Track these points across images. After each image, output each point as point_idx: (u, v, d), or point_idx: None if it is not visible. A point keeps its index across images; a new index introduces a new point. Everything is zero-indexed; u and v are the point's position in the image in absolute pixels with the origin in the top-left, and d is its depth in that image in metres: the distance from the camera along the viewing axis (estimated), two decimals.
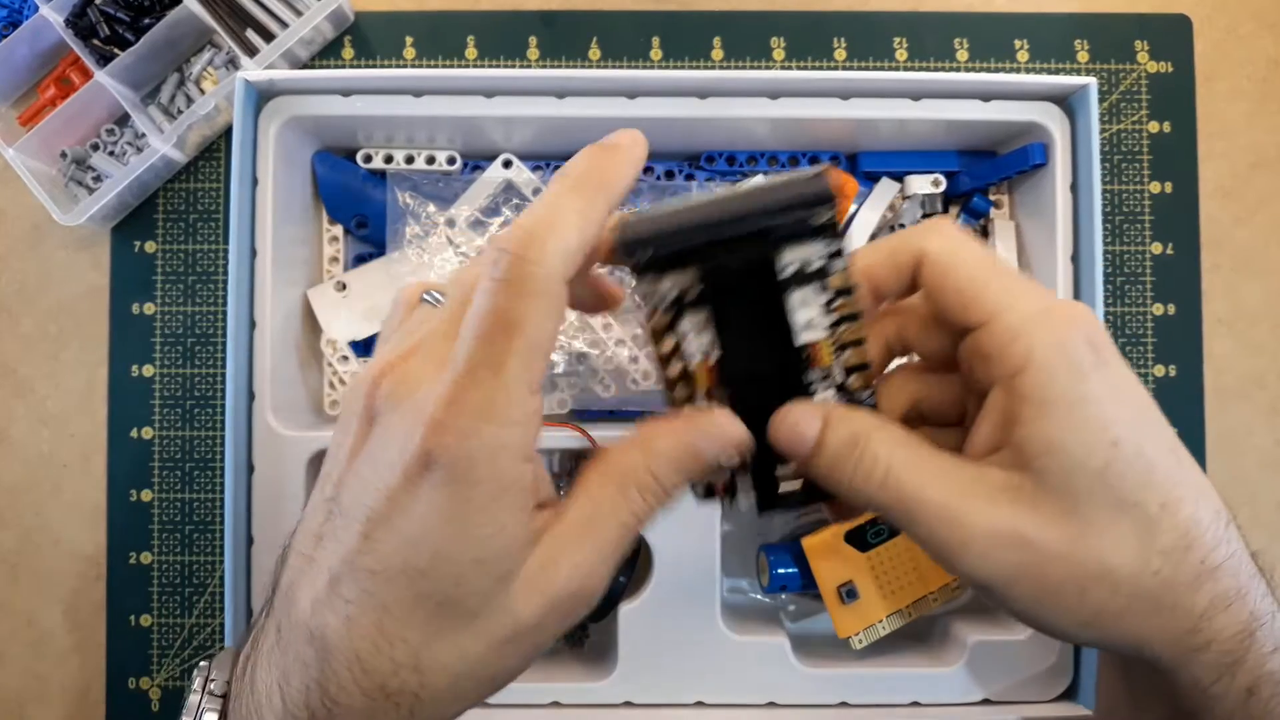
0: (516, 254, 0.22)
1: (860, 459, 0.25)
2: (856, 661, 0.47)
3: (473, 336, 0.22)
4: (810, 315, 0.25)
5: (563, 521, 0.24)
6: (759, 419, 0.25)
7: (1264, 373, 0.54)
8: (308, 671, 0.23)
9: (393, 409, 0.23)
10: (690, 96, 0.46)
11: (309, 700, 0.23)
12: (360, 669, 0.23)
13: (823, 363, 0.25)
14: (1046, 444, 0.24)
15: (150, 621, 0.53)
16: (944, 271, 0.25)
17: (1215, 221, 0.54)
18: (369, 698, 0.23)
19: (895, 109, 0.47)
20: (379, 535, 0.23)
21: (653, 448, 0.25)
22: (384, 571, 0.23)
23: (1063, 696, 0.47)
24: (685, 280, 0.24)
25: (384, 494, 0.23)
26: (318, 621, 0.23)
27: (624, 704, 0.46)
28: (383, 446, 0.23)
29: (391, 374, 0.24)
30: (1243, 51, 0.55)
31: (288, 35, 0.51)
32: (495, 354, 0.22)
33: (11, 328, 0.54)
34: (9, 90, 0.54)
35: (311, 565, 0.24)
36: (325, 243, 0.52)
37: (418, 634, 0.23)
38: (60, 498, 0.53)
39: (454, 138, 0.50)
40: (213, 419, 0.53)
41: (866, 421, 0.25)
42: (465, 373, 0.22)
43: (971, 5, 0.55)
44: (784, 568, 0.47)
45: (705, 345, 0.25)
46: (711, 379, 0.25)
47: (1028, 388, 0.24)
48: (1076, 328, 0.24)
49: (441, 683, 0.23)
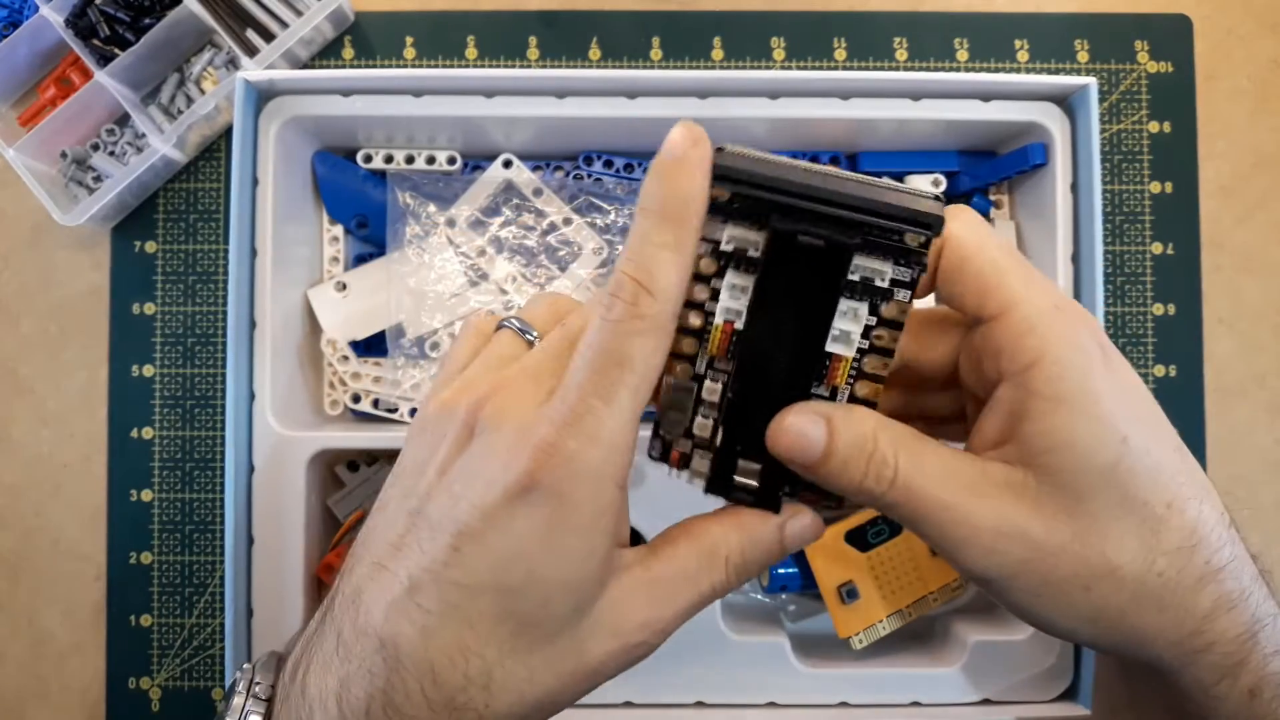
0: (628, 301, 0.23)
1: (870, 462, 0.25)
2: (857, 661, 0.47)
3: (587, 368, 0.23)
4: (849, 329, 0.24)
5: (647, 572, 0.25)
6: (751, 404, 0.25)
7: (1265, 372, 0.54)
8: (373, 680, 0.23)
9: (495, 429, 0.24)
10: (690, 96, 0.46)
11: (370, 709, 0.23)
12: (431, 680, 0.23)
13: (835, 381, 0.25)
14: (1056, 439, 0.24)
15: (150, 621, 0.53)
16: (965, 257, 0.25)
17: (1215, 221, 0.54)
18: (434, 711, 0.23)
19: (895, 109, 0.47)
20: (469, 550, 0.23)
21: (752, 533, 0.26)
22: (472, 585, 0.23)
23: (1063, 697, 0.47)
24: (752, 237, 0.24)
25: (480, 509, 0.23)
26: (391, 629, 0.23)
27: (624, 704, 0.46)
28: (483, 463, 0.24)
29: (495, 397, 0.24)
30: (1243, 51, 0.55)
31: (288, 35, 0.51)
32: (607, 385, 0.23)
33: (11, 328, 0.54)
34: (9, 90, 0.54)
35: (384, 573, 0.24)
36: (325, 243, 0.52)
37: (495, 651, 0.23)
38: (60, 498, 0.53)
39: (454, 138, 0.50)
40: (213, 419, 0.53)
41: (871, 421, 0.25)
42: (578, 400, 0.23)
43: (971, 5, 0.55)
44: (784, 567, 0.47)
45: (734, 310, 0.24)
46: (723, 346, 0.25)
47: (1039, 382, 0.24)
48: (1088, 326, 0.24)
49: (505, 704, 0.24)
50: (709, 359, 0.25)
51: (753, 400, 0.25)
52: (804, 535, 0.26)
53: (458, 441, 0.24)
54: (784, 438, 0.25)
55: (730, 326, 0.24)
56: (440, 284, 0.50)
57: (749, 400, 0.25)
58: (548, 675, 0.24)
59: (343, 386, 0.50)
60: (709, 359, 0.25)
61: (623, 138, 0.49)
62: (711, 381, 0.25)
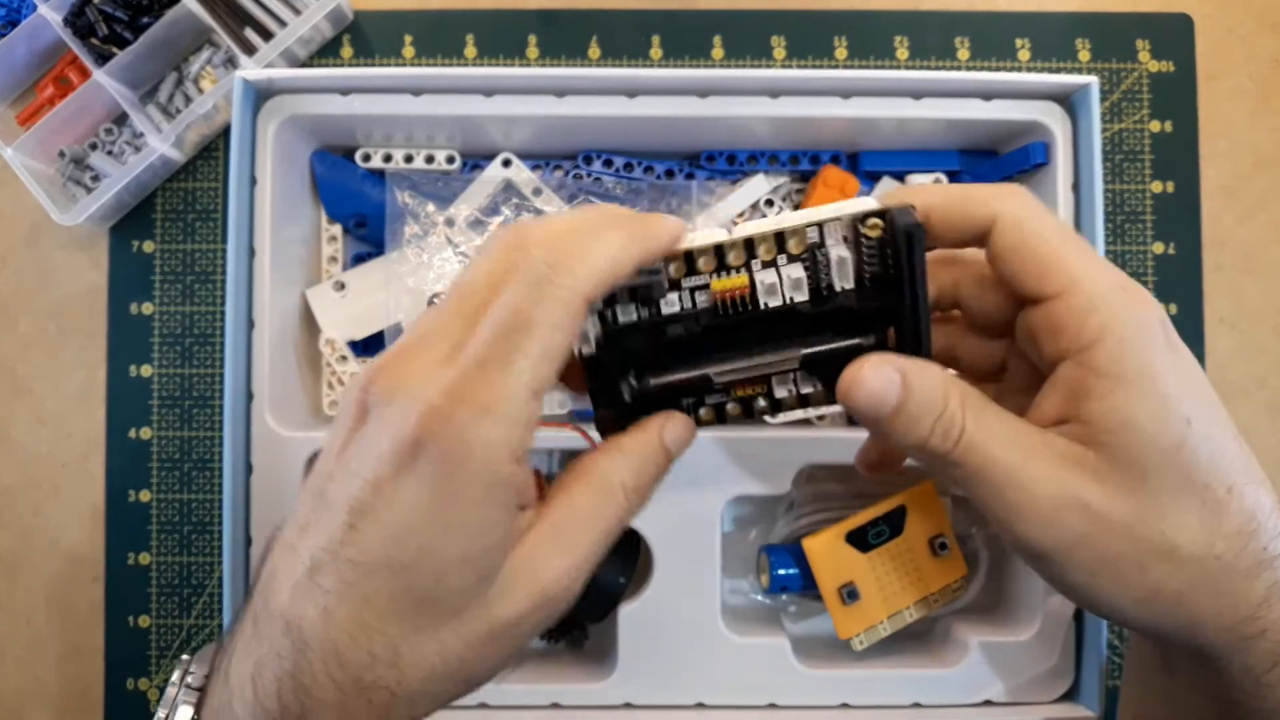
0: (550, 262, 0.23)
1: (939, 420, 0.25)
2: (857, 662, 0.47)
3: (489, 332, 0.23)
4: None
5: (544, 523, 0.25)
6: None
7: (1266, 372, 0.54)
8: (281, 663, 0.23)
9: (386, 403, 0.23)
10: (690, 95, 0.46)
11: (280, 692, 0.23)
12: (336, 662, 0.23)
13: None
14: (1119, 419, 0.23)
15: (149, 622, 0.53)
16: (1022, 238, 0.25)
17: (1217, 221, 0.54)
18: (342, 691, 0.23)
19: (896, 108, 0.47)
20: (363, 526, 0.23)
21: (636, 453, 0.26)
22: (366, 563, 0.23)
23: (1064, 698, 0.47)
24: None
25: (370, 483, 0.23)
26: (295, 611, 0.23)
27: (624, 705, 0.46)
28: (373, 438, 0.23)
29: (386, 370, 0.24)
30: (1244, 50, 0.55)
31: (286, 34, 0.50)
32: (507, 351, 0.23)
33: (9, 327, 0.54)
34: (7, 90, 0.54)
35: (292, 554, 0.24)
36: (324, 242, 0.52)
37: (396, 628, 0.23)
38: (58, 498, 0.53)
39: (453, 137, 0.49)
40: (211, 419, 0.53)
41: (942, 378, 0.25)
42: (474, 365, 0.23)
43: (973, 4, 0.55)
44: (785, 568, 0.47)
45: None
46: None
47: (1102, 362, 0.24)
48: (1153, 307, 0.24)
49: (418, 679, 0.23)
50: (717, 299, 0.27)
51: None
52: (681, 437, 0.27)
53: (355, 419, 0.24)
54: (860, 391, 0.25)
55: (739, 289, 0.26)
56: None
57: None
58: (458, 646, 0.23)
59: (341, 387, 0.50)
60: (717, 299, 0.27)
61: (622, 137, 0.49)
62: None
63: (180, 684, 0.26)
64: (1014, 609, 0.48)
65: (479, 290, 0.24)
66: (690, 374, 0.27)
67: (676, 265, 0.26)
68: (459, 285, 0.25)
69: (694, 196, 0.51)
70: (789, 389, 0.28)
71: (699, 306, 0.27)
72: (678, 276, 0.26)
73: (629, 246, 0.24)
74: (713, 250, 0.26)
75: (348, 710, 0.23)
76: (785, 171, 0.51)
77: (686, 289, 0.26)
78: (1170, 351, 0.24)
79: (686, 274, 0.26)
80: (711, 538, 0.46)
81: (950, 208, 0.26)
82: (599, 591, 0.45)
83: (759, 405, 0.28)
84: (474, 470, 0.22)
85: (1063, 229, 0.25)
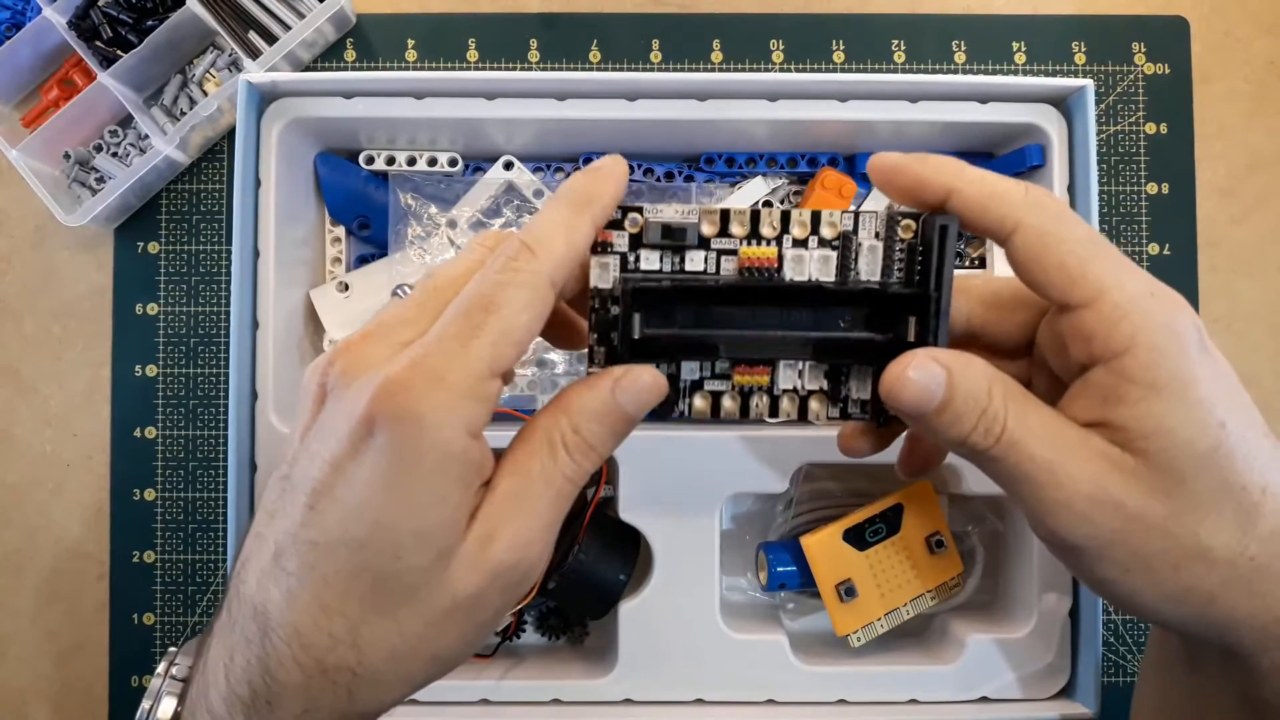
0: (512, 252, 0.24)
1: (982, 417, 0.25)
2: (855, 659, 0.47)
3: (451, 313, 0.23)
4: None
5: (495, 493, 0.24)
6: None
7: (1260, 373, 0.54)
8: (251, 648, 0.23)
9: (345, 385, 0.24)
10: (690, 99, 0.47)
11: (250, 677, 0.23)
12: (299, 644, 0.23)
13: None
14: (1153, 425, 0.24)
15: (153, 620, 0.53)
16: (1045, 247, 0.25)
17: (1212, 222, 0.55)
18: (306, 674, 0.23)
19: (893, 111, 0.47)
20: (322, 506, 0.23)
21: (574, 405, 0.25)
22: (325, 543, 0.23)
23: (1060, 694, 0.47)
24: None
25: (328, 463, 0.23)
26: (261, 596, 0.23)
27: (624, 701, 0.46)
28: (331, 418, 0.23)
29: (345, 354, 0.24)
30: (1239, 53, 0.55)
31: (290, 37, 0.51)
32: (467, 329, 0.23)
33: (15, 328, 0.54)
34: (12, 92, 0.54)
35: (260, 541, 0.24)
36: (328, 244, 0.52)
37: (355, 608, 0.23)
38: (63, 497, 0.54)
39: (455, 139, 0.50)
40: (215, 419, 0.53)
41: (987, 373, 0.25)
42: (433, 342, 0.23)
43: (969, 8, 0.55)
44: (783, 566, 0.47)
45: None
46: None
47: (1135, 369, 0.24)
48: (1185, 311, 0.24)
49: (379, 660, 0.23)
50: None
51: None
52: (638, 389, 0.25)
53: (316, 402, 0.24)
54: (908, 390, 0.25)
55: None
56: None
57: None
58: (417, 624, 0.23)
59: None
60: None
61: (623, 139, 0.50)
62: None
63: (165, 675, 0.26)
64: (1010, 606, 0.49)
65: (444, 285, 0.25)
66: (697, 332, 0.27)
67: (710, 222, 0.26)
68: (425, 280, 0.26)
69: (693, 198, 0.51)
70: (794, 382, 0.27)
71: (723, 270, 0.27)
72: (709, 235, 0.27)
73: (576, 217, 0.25)
74: (749, 215, 0.26)
75: (312, 693, 0.23)
76: (784, 174, 0.52)
77: (715, 250, 0.27)
78: (1203, 355, 0.24)
79: (719, 234, 0.27)
80: (710, 535, 0.46)
81: (973, 204, 0.26)
82: (599, 589, 0.46)
83: (756, 405, 0.28)
84: (427, 443, 0.22)
85: (1089, 235, 0.25)
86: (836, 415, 0.28)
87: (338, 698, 0.23)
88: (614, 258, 0.27)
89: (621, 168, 0.26)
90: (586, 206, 0.25)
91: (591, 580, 0.45)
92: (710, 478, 0.46)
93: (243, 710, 0.23)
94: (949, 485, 0.47)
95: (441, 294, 0.25)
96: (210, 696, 0.24)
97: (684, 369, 0.27)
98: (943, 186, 0.26)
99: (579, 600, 0.47)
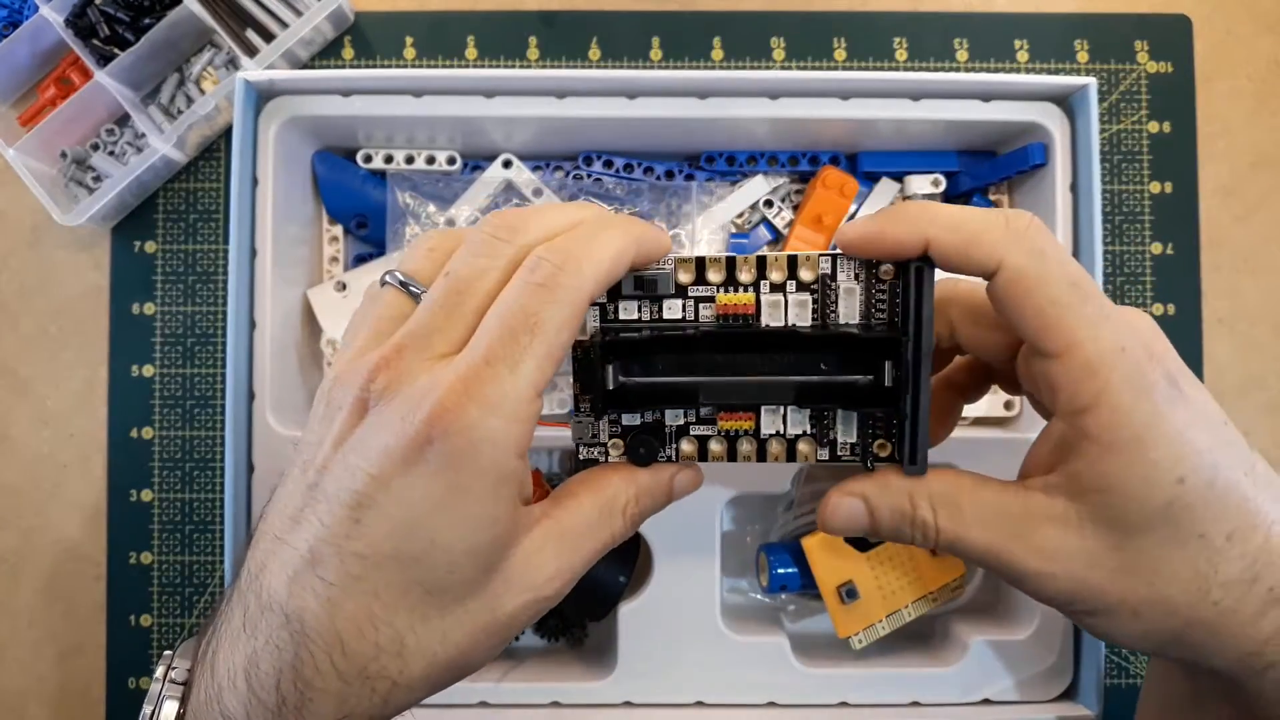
0: (556, 264, 0.24)
1: (912, 525, 0.26)
2: (856, 661, 0.47)
3: (497, 330, 0.23)
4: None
5: (552, 524, 0.26)
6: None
7: (1264, 373, 0.54)
8: (281, 655, 0.23)
9: (389, 400, 0.24)
10: (690, 97, 0.46)
11: (280, 684, 0.23)
12: (340, 653, 0.23)
13: None
14: (1105, 483, 0.24)
15: (150, 621, 0.53)
16: (1025, 292, 0.24)
17: (1215, 221, 0.54)
18: (345, 682, 0.23)
19: (895, 109, 0.47)
20: (368, 519, 0.23)
21: (646, 485, 0.28)
22: (373, 556, 0.23)
23: (1063, 696, 0.47)
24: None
25: (377, 478, 0.23)
26: (295, 604, 0.23)
27: (624, 704, 0.46)
28: (375, 433, 0.23)
29: (388, 368, 0.24)
30: (1242, 51, 0.55)
31: (288, 35, 0.51)
32: (514, 351, 0.23)
33: (11, 328, 0.54)
34: (9, 90, 0.54)
35: (284, 547, 0.24)
36: (325, 243, 0.52)
37: (404, 619, 0.23)
38: (60, 498, 0.54)
39: (454, 138, 0.50)
40: (213, 419, 0.53)
41: (904, 490, 0.27)
42: (483, 364, 0.23)
43: (971, 5, 0.55)
44: (784, 567, 0.47)
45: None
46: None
47: (1095, 428, 0.24)
48: (1155, 361, 0.24)
49: (420, 668, 0.24)
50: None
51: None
52: (687, 488, 0.29)
53: (353, 414, 0.24)
54: (834, 521, 0.27)
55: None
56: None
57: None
58: (460, 636, 0.24)
59: None
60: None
61: (622, 138, 0.49)
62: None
63: (164, 679, 0.26)
64: (1012, 608, 0.48)
65: (474, 288, 0.25)
66: (676, 380, 0.27)
67: (686, 270, 0.27)
68: (452, 280, 0.25)
69: (694, 197, 0.51)
70: (778, 426, 0.28)
71: (701, 317, 0.27)
72: (685, 283, 0.27)
73: (628, 249, 0.25)
74: (724, 263, 0.27)
75: (348, 700, 0.23)
76: (784, 172, 0.52)
77: (692, 298, 0.27)
78: (1172, 406, 0.24)
79: (694, 282, 0.27)
80: (711, 537, 0.46)
81: (952, 251, 0.25)
82: (599, 590, 0.45)
83: (743, 450, 0.28)
84: (483, 465, 0.23)
85: (1071, 280, 0.24)
86: (826, 457, 0.28)
87: (373, 704, 0.24)
88: (594, 308, 0.27)
89: (669, 243, 0.27)
90: (637, 241, 0.26)
91: (591, 582, 0.45)
92: (710, 479, 0.46)
93: (265, 716, 0.23)
94: None
95: (466, 299, 0.25)
96: (226, 701, 0.24)
97: (668, 415, 0.28)
98: (919, 238, 0.25)
99: (578, 602, 0.46)
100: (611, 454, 0.28)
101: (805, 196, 0.51)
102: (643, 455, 0.28)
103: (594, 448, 0.28)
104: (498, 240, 0.25)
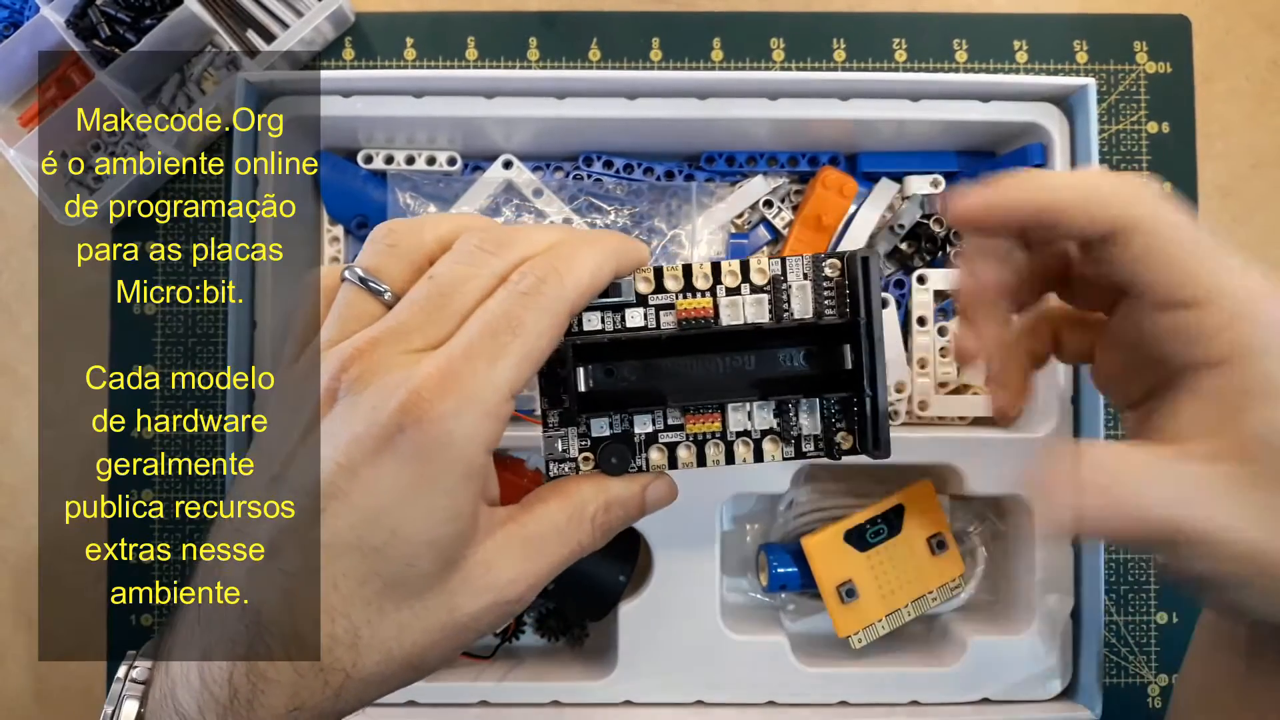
0: (540, 275, 0.24)
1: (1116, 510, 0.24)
2: (856, 661, 0.47)
3: (479, 330, 0.24)
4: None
5: (520, 529, 0.26)
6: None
7: None
8: (234, 648, 0.23)
9: (361, 390, 0.23)
10: (690, 97, 0.47)
11: (233, 676, 0.23)
12: (296, 645, 0.23)
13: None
14: (1275, 436, 0.23)
15: (151, 622, 0.53)
16: (1159, 245, 0.24)
17: (1214, 221, 0.55)
18: (299, 674, 0.23)
19: (894, 110, 0.47)
20: (333, 509, 0.23)
21: (617, 494, 0.27)
22: (334, 546, 0.23)
23: (1062, 696, 0.47)
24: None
25: (343, 467, 0.23)
26: (254, 595, 0.23)
27: (624, 703, 0.46)
28: (345, 423, 0.23)
29: (361, 359, 0.24)
30: (1242, 52, 0.55)
31: (288, 36, 0.51)
32: (494, 349, 0.23)
33: (12, 327, 0.54)
34: (9, 90, 0.54)
35: (242, 538, 0.24)
36: (326, 243, 0.52)
37: (360, 611, 0.23)
38: (60, 498, 0.53)
39: (454, 138, 0.50)
40: (213, 419, 0.53)
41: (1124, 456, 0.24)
42: (462, 358, 0.23)
43: (970, 6, 0.55)
44: (784, 567, 0.47)
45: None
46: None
47: (1253, 377, 0.23)
48: None
49: (373, 662, 0.24)
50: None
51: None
52: (660, 499, 0.29)
53: (321, 405, 0.24)
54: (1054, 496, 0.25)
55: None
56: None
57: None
58: (417, 632, 0.24)
59: None
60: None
61: (622, 138, 0.49)
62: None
63: (125, 679, 0.26)
64: (1011, 608, 0.48)
65: (459, 293, 0.25)
66: (643, 385, 0.28)
67: (645, 281, 0.28)
68: (437, 283, 0.25)
69: (693, 197, 0.51)
70: (745, 424, 0.28)
71: (663, 324, 0.28)
72: (645, 293, 0.28)
73: (609, 262, 0.26)
74: (681, 271, 0.28)
75: (300, 692, 0.23)
76: (784, 173, 0.52)
77: (653, 306, 0.28)
78: None
79: (654, 291, 0.28)
80: (711, 536, 0.46)
81: (1075, 204, 0.25)
82: (599, 590, 0.46)
83: (712, 454, 0.29)
84: (452, 457, 0.23)
85: (1202, 232, 0.24)
86: (792, 455, 0.29)
87: (325, 696, 0.23)
88: None
89: (647, 257, 0.28)
90: (616, 257, 0.26)
91: (591, 581, 0.45)
92: (710, 478, 0.46)
93: (216, 710, 0.23)
94: (950, 486, 0.47)
95: (449, 301, 0.25)
96: (179, 696, 0.24)
97: (637, 423, 0.28)
98: (1033, 202, 0.25)
99: (578, 602, 0.46)
100: (583, 468, 0.28)
101: (805, 197, 0.51)
102: (614, 464, 0.28)
103: (565, 463, 0.28)
104: (485, 252, 0.25)
